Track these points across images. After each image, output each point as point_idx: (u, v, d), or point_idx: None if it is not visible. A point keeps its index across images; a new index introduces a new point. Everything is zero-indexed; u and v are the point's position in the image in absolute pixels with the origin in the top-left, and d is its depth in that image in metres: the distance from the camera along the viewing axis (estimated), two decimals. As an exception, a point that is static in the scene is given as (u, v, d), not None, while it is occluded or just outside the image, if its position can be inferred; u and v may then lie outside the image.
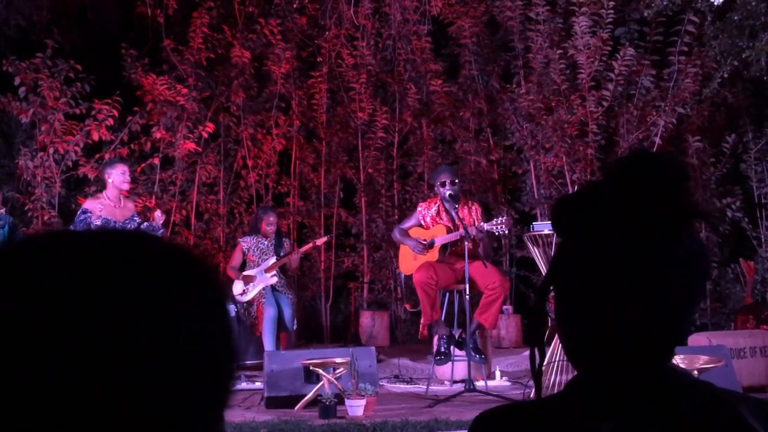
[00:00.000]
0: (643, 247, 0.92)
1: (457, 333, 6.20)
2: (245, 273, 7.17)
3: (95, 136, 8.43)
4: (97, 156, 8.57)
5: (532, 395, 5.66)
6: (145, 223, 6.47)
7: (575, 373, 0.97)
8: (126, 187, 6.45)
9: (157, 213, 6.56)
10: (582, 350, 0.96)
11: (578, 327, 0.96)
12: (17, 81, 8.25)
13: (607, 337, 0.94)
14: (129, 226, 6.30)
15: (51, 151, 8.36)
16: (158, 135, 8.87)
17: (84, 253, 0.65)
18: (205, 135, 9.09)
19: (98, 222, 6.11)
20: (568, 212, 0.97)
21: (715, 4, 7.69)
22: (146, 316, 0.63)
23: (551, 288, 0.99)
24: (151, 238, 0.69)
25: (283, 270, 7.28)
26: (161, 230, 6.60)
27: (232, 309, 7.27)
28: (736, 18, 7.34)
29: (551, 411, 0.94)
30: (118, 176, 6.34)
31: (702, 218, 0.95)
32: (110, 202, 6.35)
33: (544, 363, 5.94)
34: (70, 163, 8.50)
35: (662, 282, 0.93)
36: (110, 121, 8.49)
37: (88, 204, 6.32)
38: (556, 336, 5.53)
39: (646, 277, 0.92)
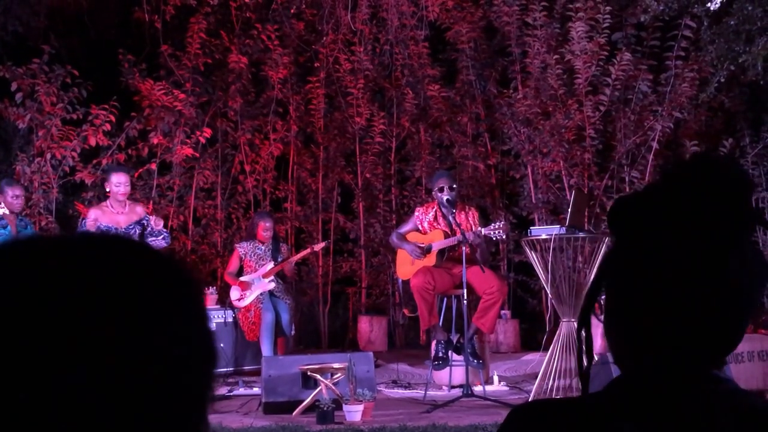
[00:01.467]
0: (704, 251, 0.91)
1: (455, 338, 6.20)
2: (242, 279, 7.16)
3: (92, 142, 8.43)
4: (94, 161, 8.57)
5: (530, 399, 5.66)
6: (147, 229, 6.45)
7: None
8: (120, 198, 6.40)
9: (153, 218, 6.53)
10: (630, 350, 0.95)
11: (630, 327, 0.95)
12: (14, 86, 8.24)
13: (658, 339, 0.92)
14: (132, 231, 6.31)
15: (48, 156, 8.35)
16: (155, 140, 8.86)
17: (59, 259, 0.65)
18: (202, 140, 9.08)
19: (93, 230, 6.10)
20: (627, 213, 0.95)
21: (712, 8, 7.70)
22: (125, 321, 0.63)
23: (601, 289, 0.97)
24: (134, 244, 0.70)
25: (281, 275, 7.27)
26: (165, 233, 6.60)
27: (229, 315, 7.26)
28: (732, 23, 7.35)
29: (582, 408, 0.94)
30: (112, 186, 6.37)
31: (764, 224, 0.94)
32: (112, 210, 6.37)
33: (543, 369, 5.86)
34: (67, 169, 8.49)
35: (721, 287, 0.91)
36: (107, 127, 8.49)
37: (90, 213, 6.36)
38: (554, 341, 5.52)
39: (705, 282, 0.91)
